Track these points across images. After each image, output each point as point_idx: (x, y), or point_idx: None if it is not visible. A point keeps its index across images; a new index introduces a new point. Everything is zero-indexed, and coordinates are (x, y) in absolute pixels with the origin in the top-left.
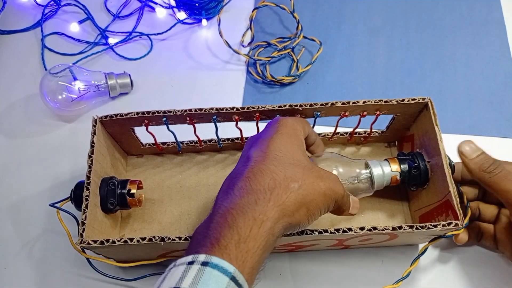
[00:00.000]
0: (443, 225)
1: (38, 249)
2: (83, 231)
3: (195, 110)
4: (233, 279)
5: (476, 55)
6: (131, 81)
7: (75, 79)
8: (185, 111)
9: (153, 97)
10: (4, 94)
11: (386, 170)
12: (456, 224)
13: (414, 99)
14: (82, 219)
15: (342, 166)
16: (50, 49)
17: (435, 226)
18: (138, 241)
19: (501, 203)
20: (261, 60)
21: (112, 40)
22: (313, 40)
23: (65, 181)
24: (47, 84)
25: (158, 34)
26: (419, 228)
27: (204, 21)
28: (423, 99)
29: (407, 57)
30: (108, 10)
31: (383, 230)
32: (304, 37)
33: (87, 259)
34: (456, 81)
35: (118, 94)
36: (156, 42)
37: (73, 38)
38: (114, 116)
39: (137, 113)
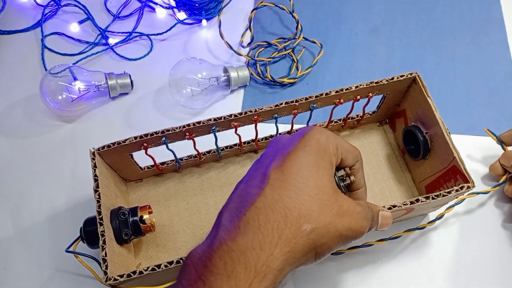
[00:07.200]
0: (457, 190)
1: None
2: (106, 268)
3: (194, 124)
4: None
5: (476, 55)
6: (131, 81)
7: (75, 79)
8: (184, 126)
9: (153, 97)
10: (4, 94)
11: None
12: (468, 187)
13: (403, 75)
14: (103, 255)
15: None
16: (50, 49)
17: (449, 192)
18: (166, 266)
19: None
20: (261, 60)
21: (112, 40)
22: (314, 42)
23: (65, 181)
24: (47, 84)
25: (158, 34)
26: (435, 197)
27: (204, 22)
28: (411, 73)
29: (407, 57)
30: (108, 10)
31: (400, 206)
32: (305, 38)
33: None
34: (455, 81)
35: (118, 94)
36: (156, 42)
37: (73, 38)
38: (111, 145)
39: (135, 138)
